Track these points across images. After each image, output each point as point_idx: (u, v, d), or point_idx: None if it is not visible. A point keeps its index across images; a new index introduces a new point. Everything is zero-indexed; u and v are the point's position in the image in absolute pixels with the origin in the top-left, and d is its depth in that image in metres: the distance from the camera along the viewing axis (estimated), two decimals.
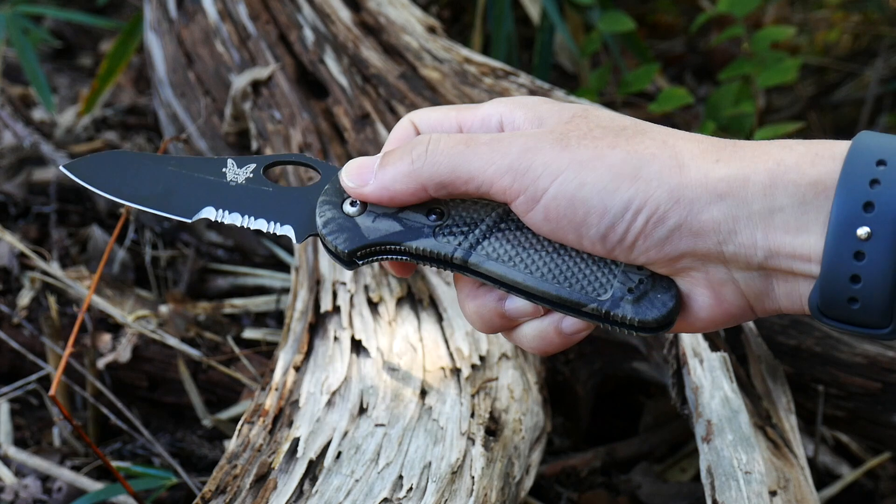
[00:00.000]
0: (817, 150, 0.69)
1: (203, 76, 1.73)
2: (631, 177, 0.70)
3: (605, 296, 0.73)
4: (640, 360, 1.40)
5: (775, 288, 0.72)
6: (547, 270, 0.74)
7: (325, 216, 0.78)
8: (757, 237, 0.69)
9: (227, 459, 1.09)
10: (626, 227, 0.70)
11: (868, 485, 1.49)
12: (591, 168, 0.70)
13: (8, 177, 1.95)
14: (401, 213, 0.77)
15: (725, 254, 0.70)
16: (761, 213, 0.69)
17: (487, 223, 0.76)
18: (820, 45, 2.49)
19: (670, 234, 0.70)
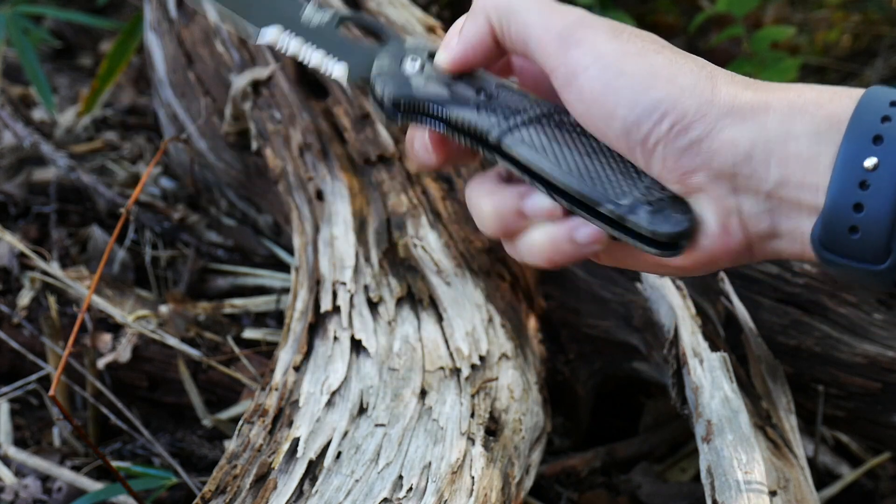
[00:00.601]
0: (836, 90, 0.73)
1: (203, 76, 1.73)
2: (667, 80, 0.73)
3: (624, 200, 0.75)
4: (640, 360, 1.40)
5: (779, 224, 0.74)
6: (574, 166, 0.76)
7: (382, 65, 0.81)
8: (771, 162, 0.72)
9: (227, 459, 1.09)
10: (650, 129, 0.73)
11: (868, 485, 1.49)
12: (633, 61, 0.74)
13: (8, 177, 1.95)
14: (453, 83, 0.80)
15: (738, 175, 0.73)
16: (777, 139, 0.71)
17: (529, 114, 0.78)
18: (820, 45, 2.49)
19: (690, 146, 0.73)
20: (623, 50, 0.74)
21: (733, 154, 0.72)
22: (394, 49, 0.82)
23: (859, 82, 2.35)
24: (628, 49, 0.75)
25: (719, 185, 0.74)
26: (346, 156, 1.45)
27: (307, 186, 1.44)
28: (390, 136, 1.46)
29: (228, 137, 1.69)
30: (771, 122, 0.72)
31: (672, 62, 0.74)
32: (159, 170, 1.95)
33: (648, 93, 0.73)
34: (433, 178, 1.40)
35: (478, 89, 0.80)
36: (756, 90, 0.73)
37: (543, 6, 0.77)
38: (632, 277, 1.34)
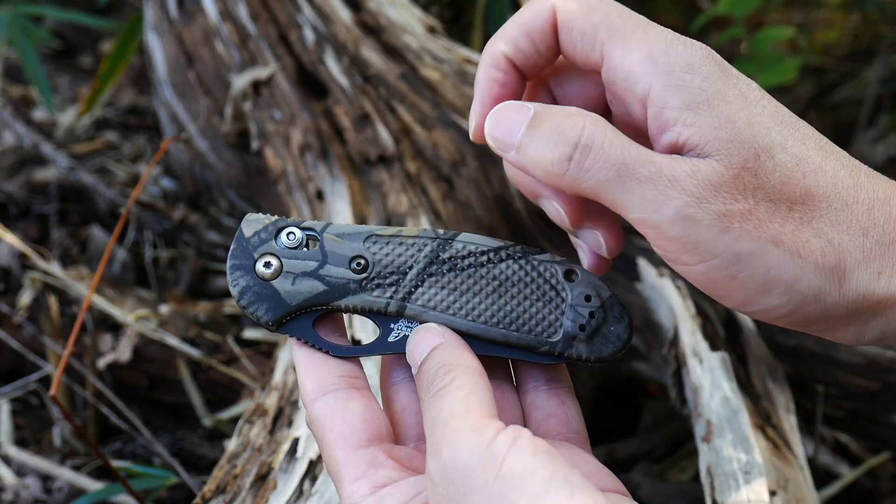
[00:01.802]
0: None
1: (203, 76, 1.73)
2: (787, 286, 0.66)
3: (556, 337, 0.70)
4: (640, 360, 1.41)
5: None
6: (491, 315, 0.69)
7: (240, 285, 0.70)
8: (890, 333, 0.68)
9: (227, 459, 1.09)
10: (766, 318, 0.68)
11: (868, 484, 1.49)
12: (746, 263, 0.65)
13: (8, 177, 1.95)
14: (321, 269, 0.70)
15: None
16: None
17: (417, 269, 0.69)
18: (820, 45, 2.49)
19: (805, 328, 0.69)
20: (735, 250, 0.65)
21: (854, 337, 0.68)
22: (238, 251, 0.71)
23: (859, 82, 2.35)
24: (740, 249, 0.65)
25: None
26: (346, 156, 1.45)
27: (307, 186, 1.44)
28: (390, 135, 1.46)
29: (229, 137, 1.69)
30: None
31: (791, 258, 0.65)
32: (159, 170, 1.95)
33: (764, 297, 0.66)
34: (433, 179, 1.40)
35: (349, 261, 0.70)
36: (891, 275, 0.66)
37: (638, 189, 0.65)
38: (631, 277, 1.34)
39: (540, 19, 0.70)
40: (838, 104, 2.36)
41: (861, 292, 0.66)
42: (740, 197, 0.64)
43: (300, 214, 1.44)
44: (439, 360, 0.67)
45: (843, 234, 0.65)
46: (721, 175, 0.64)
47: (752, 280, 0.65)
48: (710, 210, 0.64)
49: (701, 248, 0.65)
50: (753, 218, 0.64)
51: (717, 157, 0.64)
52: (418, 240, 0.70)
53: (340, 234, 0.70)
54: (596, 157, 0.65)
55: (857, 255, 0.66)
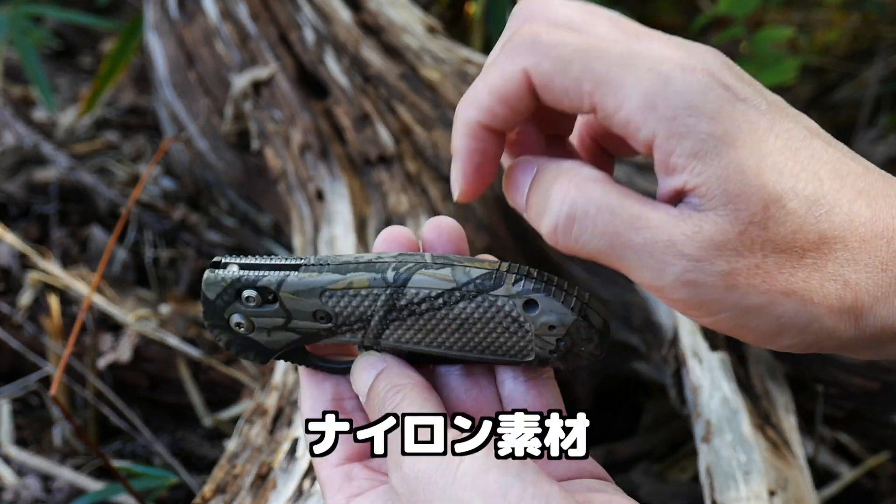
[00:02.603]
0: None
1: (204, 76, 1.73)
2: (799, 329, 0.62)
3: (530, 357, 0.70)
4: (640, 360, 1.41)
5: None
6: (462, 345, 0.70)
7: (223, 340, 0.72)
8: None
9: (227, 459, 1.09)
10: (778, 349, 0.65)
11: (868, 484, 1.49)
12: (755, 315, 0.62)
13: (8, 177, 1.95)
14: (289, 323, 0.70)
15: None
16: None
17: (378, 317, 0.69)
18: (820, 45, 2.49)
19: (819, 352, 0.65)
20: (743, 304, 0.61)
21: (873, 357, 0.65)
22: (210, 311, 0.71)
23: (859, 82, 2.35)
24: (749, 303, 0.61)
25: None
26: (346, 156, 1.45)
27: (307, 186, 1.44)
28: (390, 136, 1.46)
29: (229, 137, 1.69)
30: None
31: (804, 307, 0.61)
32: (159, 170, 1.95)
33: (776, 340, 0.63)
34: (433, 179, 1.40)
35: (313, 315, 0.70)
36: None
37: (637, 250, 0.61)
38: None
39: (513, 85, 0.63)
40: (838, 104, 2.36)
41: (879, 326, 0.63)
42: (747, 253, 0.60)
43: (300, 214, 1.44)
44: (387, 383, 0.68)
45: (861, 273, 0.62)
46: (726, 233, 0.60)
47: (762, 328, 0.62)
48: (712, 271, 0.60)
49: (707, 306, 0.62)
50: (761, 272, 0.60)
51: (723, 213, 0.60)
52: (371, 290, 0.69)
53: (295, 291, 0.69)
54: (583, 228, 0.62)
55: (874, 293, 0.62)
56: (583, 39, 0.62)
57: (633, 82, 0.60)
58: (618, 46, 0.61)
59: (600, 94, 0.61)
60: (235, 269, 0.70)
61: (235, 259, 0.71)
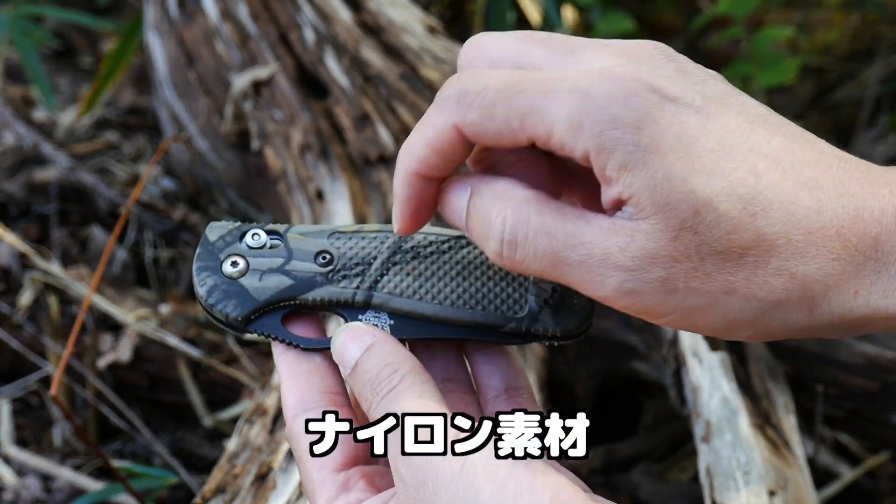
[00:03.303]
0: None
1: (204, 76, 1.73)
2: (750, 322, 0.62)
3: (521, 313, 0.70)
4: (640, 360, 1.41)
5: None
6: (457, 297, 0.70)
7: (207, 284, 0.71)
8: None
9: (227, 459, 1.09)
10: (741, 340, 0.65)
11: (868, 484, 1.49)
12: (701, 314, 0.62)
13: (8, 177, 1.95)
14: (287, 264, 0.70)
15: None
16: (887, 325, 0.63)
17: (381, 259, 0.70)
18: (820, 45, 2.49)
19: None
20: (685, 306, 0.62)
21: (840, 336, 0.65)
22: (204, 253, 0.71)
23: (859, 82, 2.35)
24: (691, 304, 0.62)
25: None
26: (346, 156, 1.45)
27: (307, 186, 1.44)
28: (390, 136, 1.46)
29: (229, 137, 1.69)
30: (881, 327, 0.63)
31: (748, 302, 0.61)
32: (159, 170, 1.95)
33: (730, 334, 0.63)
34: None
35: (315, 255, 0.70)
36: (869, 291, 0.61)
37: (575, 258, 0.62)
38: None
39: (444, 138, 0.64)
40: (838, 104, 2.36)
41: (837, 313, 0.62)
42: (682, 258, 0.60)
43: (300, 214, 1.44)
44: (379, 360, 0.67)
45: (809, 265, 0.61)
46: (657, 241, 0.60)
47: (713, 325, 0.62)
48: (649, 279, 0.60)
49: (652, 311, 0.62)
50: (700, 274, 0.60)
51: (654, 222, 0.60)
52: (380, 233, 0.70)
53: (304, 232, 0.71)
54: (525, 251, 0.62)
55: (827, 282, 0.61)
56: (504, 79, 0.63)
57: (556, 107, 0.61)
58: (538, 75, 0.62)
59: (529, 126, 0.62)
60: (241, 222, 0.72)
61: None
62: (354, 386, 0.68)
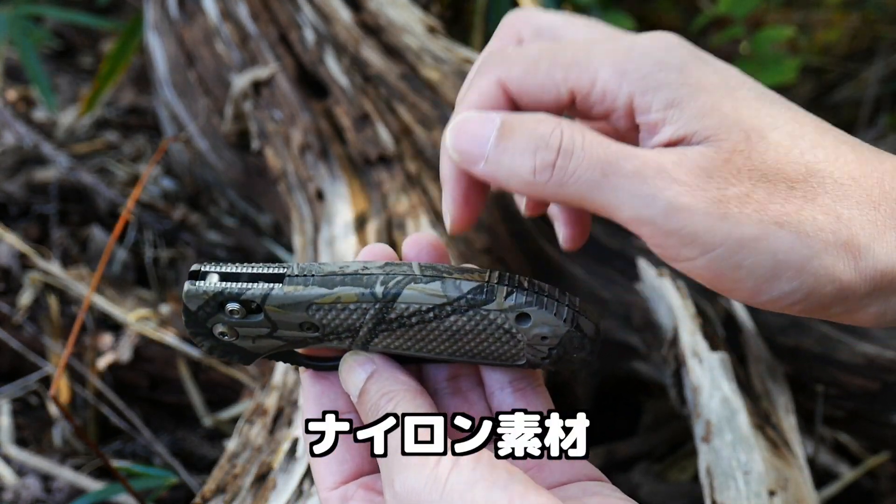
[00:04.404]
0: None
1: (204, 76, 1.73)
2: (797, 268, 0.61)
3: (521, 362, 0.70)
4: (640, 360, 1.41)
5: None
6: (453, 352, 0.69)
7: (206, 346, 0.71)
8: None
9: (227, 459, 1.09)
10: (779, 306, 0.64)
11: (868, 484, 1.49)
12: (751, 249, 0.61)
13: (8, 177, 1.95)
14: (275, 332, 0.69)
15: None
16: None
17: (367, 328, 0.69)
18: (820, 45, 2.49)
19: (822, 314, 0.64)
20: (735, 236, 0.61)
21: (878, 319, 0.64)
22: (192, 320, 0.69)
23: (859, 82, 2.35)
24: (742, 234, 0.61)
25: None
26: (346, 156, 1.45)
27: (307, 186, 1.44)
28: (390, 136, 1.46)
29: (229, 137, 1.69)
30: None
31: (799, 239, 0.61)
32: (159, 170, 1.95)
33: (774, 284, 0.62)
34: (433, 179, 1.40)
35: (299, 327, 0.69)
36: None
37: (621, 185, 0.61)
38: (631, 277, 1.34)
39: (490, 97, 0.65)
40: (838, 104, 2.36)
41: (880, 268, 0.62)
42: (735, 181, 0.60)
43: (300, 214, 1.44)
44: (378, 389, 0.67)
45: (853, 209, 0.61)
46: (711, 160, 0.60)
47: (759, 267, 0.61)
48: (704, 197, 0.60)
49: (700, 238, 0.61)
50: (752, 201, 0.60)
51: (706, 144, 0.61)
52: (360, 305, 0.68)
53: (281, 305, 0.68)
54: (579, 160, 0.62)
55: (870, 230, 0.62)
56: (548, 44, 0.65)
57: (600, 58, 0.63)
58: (581, 41, 0.65)
59: (573, 77, 0.63)
60: (216, 280, 0.68)
61: (215, 267, 0.69)
62: (360, 412, 0.69)
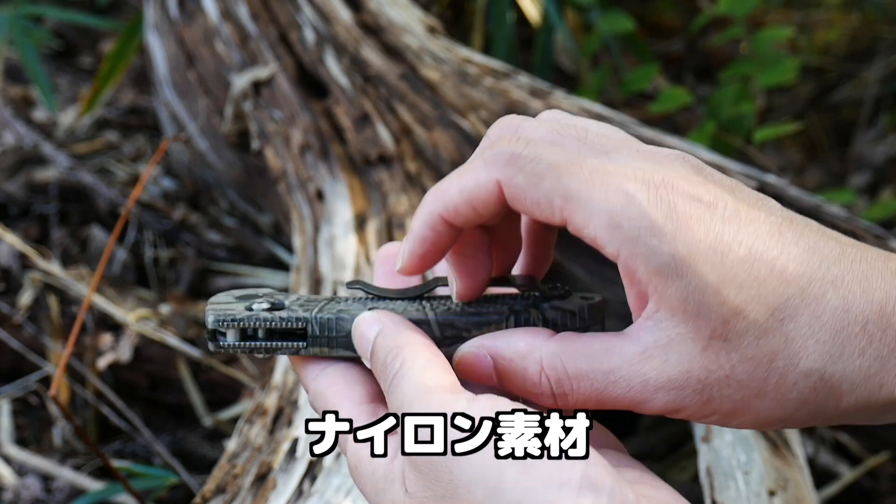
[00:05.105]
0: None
1: (204, 76, 1.74)
2: (781, 421, 0.64)
3: None
4: None
5: None
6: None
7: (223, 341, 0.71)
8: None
9: (227, 459, 1.09)
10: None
11: (868, 484, 1.49)
12: (737, 415, 0.65)
13: (8, 177, 1.95)
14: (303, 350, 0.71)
15: None
16: None
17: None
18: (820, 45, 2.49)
19: None
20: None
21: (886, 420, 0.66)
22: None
23: (859, 82, 2.35)
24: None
25: None
26: (346, 156, 1.46)
27: (307, 186, 1.44)
28: (390, 136, 1.46)
29: (229, 137, 1.69)
30: None
31: (782, 400, 0.63)
32: (159, 170, 1.95)
33: (769, 426, 0.66)
34: (433, 179, 1.40)
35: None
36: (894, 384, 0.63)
37: None
38: None
39: (484, 192, 0.65)
40: (838, 104, 2.36)
41: (863, 404, 0.63)
42: (714, 368, 0.62)
43: (300, 214, 1.44)
44: (384, 348, 0.67)
45: (836, 364, 0.63)
46: (690, 353, 0.62)
47: (747, 423, 0.65)
48: (688, 395, 0.63)
49: (695, 416, 0.65)
50: (732, 381, 0.63)
51: (685, 330, 0.62)
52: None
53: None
54: (575, 398, 0.66)
55: (853, 379, 0.63)
56: (558, 156, 0.64)
57: (600, 201, 0.62)
58: (591, 164, 0.64)
59: (569, 210, 0.63)
60: (235, 339, 0.69)
61: (230, 321, 0.69)
62: (377, 378, 0.68)
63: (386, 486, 0.64)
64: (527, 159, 0.64)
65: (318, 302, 0.71)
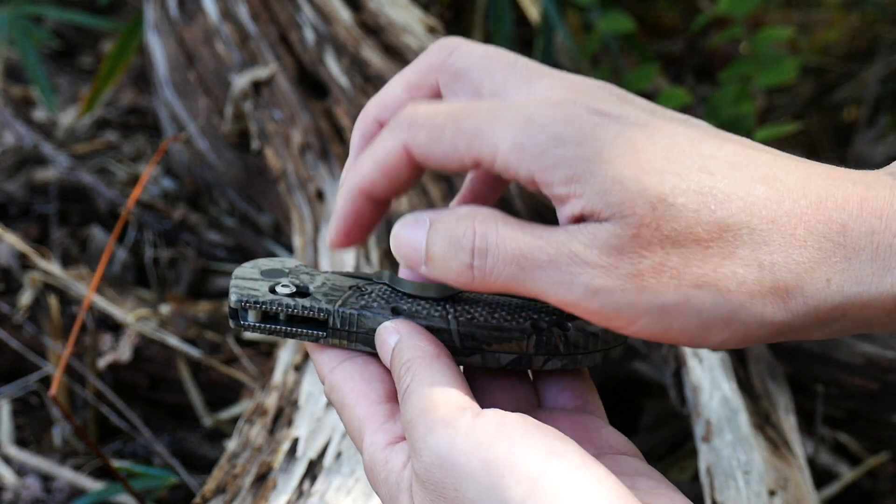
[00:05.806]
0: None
1: (204, 76, 1.73)
2: (725, 321, 0.61)
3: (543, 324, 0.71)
4: (640, 360, 1.41)
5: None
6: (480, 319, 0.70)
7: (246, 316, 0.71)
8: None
9: (227, 459, 1.09)
10: (722, 348, 0.64)
11: (868, 484, 1.49)
12: (675, 314, 0.61)
13: (8, 177, 1.95)
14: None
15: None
16: (875, 326, 0.63)
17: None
18: (819, 45, 2.49)
19: (769, 342, 0.65)
20: (657, 304, 0.62)
21: (822, 337, 0.64)
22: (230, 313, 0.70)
23: (859, 82, 2.35)
24: (663, 301, 0.61)
25: None
26: (346, 156, 1.45)
27: (307, 186, 1.44)
28: None
29: (229, 137, 1.69)
30: (868, 319, 0.62)
31: (720, 296, 0.61)
32: (159, 170, 1.95)
33: (706, 338, 0.62)
34: (433, 179, 1.40)
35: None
36: (842, 278, 0.61)
37: (541, 273, 0.62)
38: None
39: (395, 159, 0.65)
40: (838, 104, 2.36)
41: (812, 304, 0.62)
42: (647, 253, 0.60)
43: (300, 214, 1.44)
44: (399, 360, 0.67)
45: (776, 253, 0.61)
46: (620, 237, 0.60)
47: (688, 326, 0.62)
48: (619, 275, 0.61)
49: (624, 312, 0.62)
50: (668, 268, 0.60)
51: (613, 221, 0.60)
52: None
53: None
54: (494, 258, 0.63)
55: (797, 270, 0.61)
56: (455, 106, 0.65)
57: (500, 130, 0.62)
58: (488, 103, 0.65)
59: (475, 148, 0.63)
60: (256, 320, 0.70)
61: (252, 299, 0.69)
62: (395, 385, 0.68)
63: (397, 492, 0.64)
64: (424, 117, 0.65)
65: (343, 291, 0.71)
